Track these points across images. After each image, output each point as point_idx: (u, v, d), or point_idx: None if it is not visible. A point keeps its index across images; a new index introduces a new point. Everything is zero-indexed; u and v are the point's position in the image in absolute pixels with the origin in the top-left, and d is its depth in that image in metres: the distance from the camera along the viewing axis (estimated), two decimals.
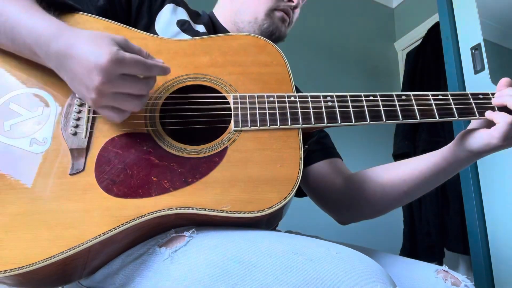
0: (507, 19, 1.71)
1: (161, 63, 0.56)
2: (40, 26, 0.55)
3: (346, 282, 0.44)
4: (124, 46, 0.53)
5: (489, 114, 0.66)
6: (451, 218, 1.89)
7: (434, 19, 2.39)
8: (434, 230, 1.94)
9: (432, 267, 0.69)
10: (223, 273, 0.48)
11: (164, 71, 0.57)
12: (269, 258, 0.48)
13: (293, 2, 0.87)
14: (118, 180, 0.56)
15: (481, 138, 0.66)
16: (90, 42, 0.51)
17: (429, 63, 2.21)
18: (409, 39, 2.78)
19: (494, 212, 1.43)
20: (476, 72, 1.56)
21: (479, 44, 1.56)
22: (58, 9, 0.67)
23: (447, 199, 1.93)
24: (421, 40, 2.39)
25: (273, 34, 0.87)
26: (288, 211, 0.65)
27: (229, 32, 0.89)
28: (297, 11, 0.92)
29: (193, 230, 0.56)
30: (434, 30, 2.23)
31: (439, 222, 1.94)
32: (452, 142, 0.72)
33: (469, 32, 1.62)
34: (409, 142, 2.06)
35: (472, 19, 1.61)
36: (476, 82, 1.55)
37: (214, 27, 0.91)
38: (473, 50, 1.58)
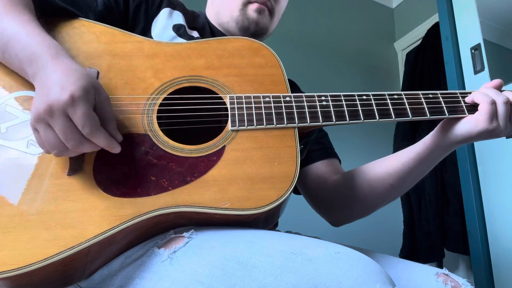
0: (507, 19, 1.71)
1: (111, 139, 0.54)
2: (37, 46, 0.55)
3: (345, 282, 0.44)
4: (98, 101, 0.53)
5: (469, 99, 0.69)
6: (451, 218, 1.89)
7: (434, 19, 2.39)
8: (434, 230, 1.94)
9: (432, 270, 0.68)
10: (222, 274, 0.48)
11: (111, 145, 0.55)
12: (268, 258, 0.48)
13: None
14: (117, 180, 0.56)
15: (467, 123, 0.68)
16: (69, 75, 0.52)
17: (429, 63, 2.21)
18: (409, 39, 2.78)
19: (494, 212, 1.43)
20: (476, 72, 1.56)
21: (479, 44, 1.56)
22: (57, 14, 0.67)
23: (447, 199, 1.93)
24: (421, 40, 2.39)
25: (255, 33, 0.85)
26: (288, 212, 0.65)
27: (223, 33, 0.89)
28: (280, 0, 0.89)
29: (192, 231, 0.56)
30: (434, 30, 2.23)
31: (439, 222, 1.94)
32: (434, 130, 0.73)
33: (469, 32, 1.62)
34: (409, 142, 2.04)
35: (472, 19, 1.61)
36: (476, 82, 1.55)
37: (211, 29, 0.90)
38: (473, 50, 1.58)
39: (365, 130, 2.45)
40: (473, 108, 0.69)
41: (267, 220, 0.62)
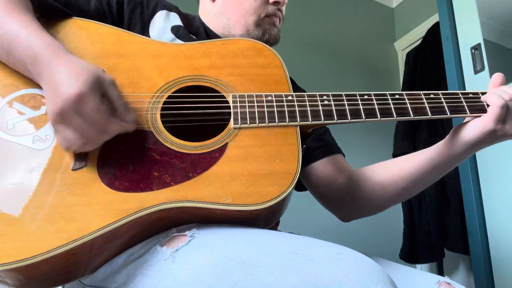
0: (507, 19, 1.71)
1: (124, 124, 0.57)
2: (38, 47, 0.56)
3: (346, 283, 0.44)
4: (103, 88, 0.55)
5: (483, 99, 0.69)
6: (451, 218, 1.89)
7: (434, 19, 2.39)
8: (434, 230, 1.94)
9: (434, 278, 0.68)
10: (224, 273, 0.48)
11: (125, 129, 0.58)
12: (269, 258, 0.48)
13: (279, 3, 0.86)
14: (120, 175, 0.57)
15: (474, 126, 0.67)
16: (71, 71, 0.53)
17: (429, 63, 2.21)
18: (409, 39, 2.78)
19: (494, 212, 1.44)
20: (476, 72, 1.56)
21: (479, 44, 1.56)
22: (55, 15, 0.68)
23: (447, 199, 1.93)
24: (421, 40, 2.39)
25: (268, 42, 0.86)
26: (289, 215, 0.65)
27: (220, 37, 0.89)
28: (284, 7, 0.91)
29: (194, 229, 0.56)
30: (434, 30, 2.23)
31: (439, 222, 1.94)
32: (447, 136, 0.73)
33: (469, 32, 1.62)
34: (409, 142, 2.06)
35: (472, 19, 1.61)
36: (476, 82, 1.55)
37: (206, 33, 0.89)
38: (473, 50, 1.58)
39: (365, 128, 2.45)
40: (475, 108, 0.69)
41: (268, 218, 0.62)
